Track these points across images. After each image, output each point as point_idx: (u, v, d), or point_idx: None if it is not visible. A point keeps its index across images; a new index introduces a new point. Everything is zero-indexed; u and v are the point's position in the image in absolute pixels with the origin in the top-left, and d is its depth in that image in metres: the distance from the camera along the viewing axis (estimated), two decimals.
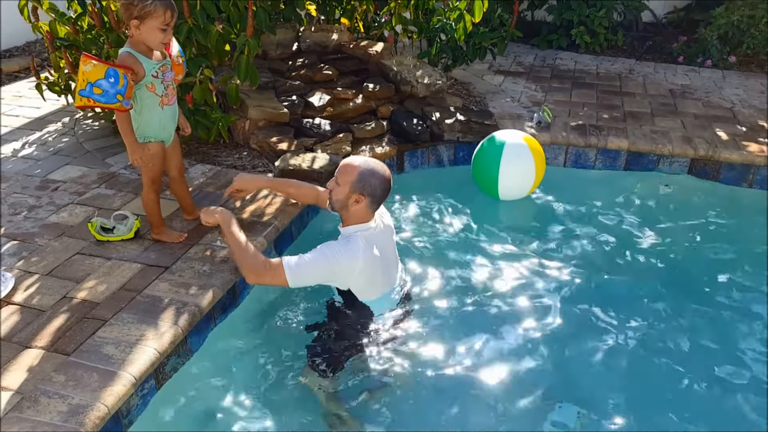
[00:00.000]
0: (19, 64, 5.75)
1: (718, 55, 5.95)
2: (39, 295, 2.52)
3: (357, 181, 2.38)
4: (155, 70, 2.52)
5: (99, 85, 2.32)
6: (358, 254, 2.37)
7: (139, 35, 2.41)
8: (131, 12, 2.36)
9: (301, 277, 2.38)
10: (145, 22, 2.37)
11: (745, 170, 4.01)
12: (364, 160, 2.45)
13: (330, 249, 2.40)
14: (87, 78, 2.33)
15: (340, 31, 4.79)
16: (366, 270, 2.42)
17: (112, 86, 2.33)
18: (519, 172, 3.57)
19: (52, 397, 2.02)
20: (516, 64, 5.97)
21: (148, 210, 2.83)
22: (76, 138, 4.12)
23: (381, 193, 2.43)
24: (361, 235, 2.43)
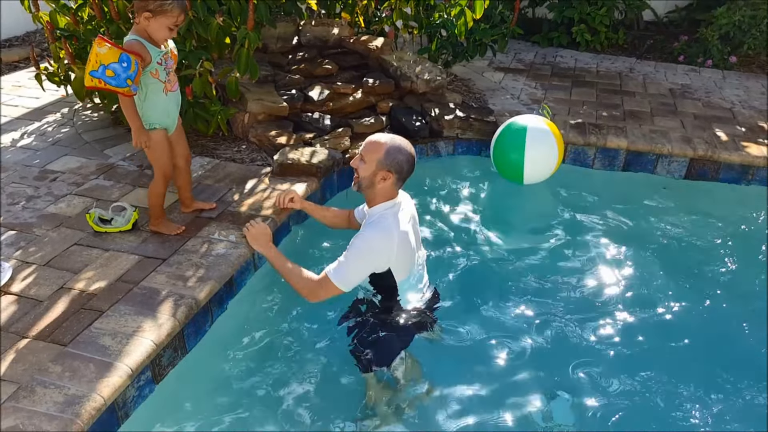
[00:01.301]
0: (18, 53, 5.74)
1: (719, 55, 5.95)
2: (36, 285, 2.52)
3: (384, 158, 2.36)
4: (160, 57, 2.56)
5: (112, 68, 2.35)
6: (392, 231, 2.36)
7: (146, 26, 2.44)
8: (146, 4, 2.39)
9: (348, 279, 2.38)
10: (157, 17, 2.41)
11: (744, 171, 4.02)
12: (391, 137, 2.42)
13: (362, 241, 2.38)
14: (100, 60, 2.35)
15: (341, 25, 4.78)
16: (402, 244, 2.40)
17: (124, 71, 2.37)
18: (544, 154, 3.60)
19: (48, 387, 2.02)
20: (516, 61, 5.96)
21: (151, 201, 2.84)
22: (75, 129, 4.11)
23: (408, 169, 2.42)
24: (389, 212, 2.42)
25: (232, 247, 2.80)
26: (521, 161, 3.57)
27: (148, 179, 3.41)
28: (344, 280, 2.37)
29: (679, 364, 2.56)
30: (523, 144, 3.54)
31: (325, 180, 3.56)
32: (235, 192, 3.30)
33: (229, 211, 3.10)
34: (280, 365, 2.49)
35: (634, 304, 2.88)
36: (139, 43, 2.47)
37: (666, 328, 2.74)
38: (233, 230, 2.92)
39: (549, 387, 2.43)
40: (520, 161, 3.57)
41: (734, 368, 2.54)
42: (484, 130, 4.17)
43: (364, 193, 2.50)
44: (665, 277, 3.07)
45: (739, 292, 3.00)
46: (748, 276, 3.12)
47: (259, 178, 3.45)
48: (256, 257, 2.91)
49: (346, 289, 2.40)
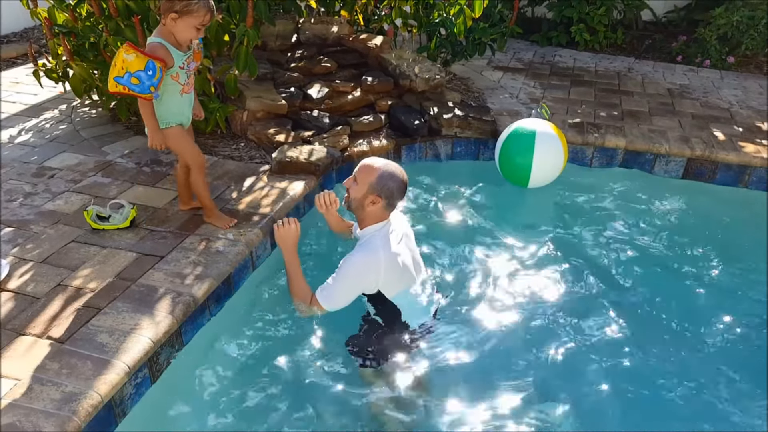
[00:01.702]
0: (17, 50, 5.72)
1: (717, 55, 5.96)
2: (34, 282, 2.52)
3: (376, 182, 2.39)
4: (182, 61, 2.56)
5: (137, 76, 2.37)
6: (378, 253, 2.39)
7: (172, 27, 2.44)
8: (173, 5, 2.39)
9: (334, 301, 2.43)
10: (184, 18, 2.41)
11: (742, 171, 4.02)
12: (385, 162, 2.46)
13: (349, 265, 2.42)
14: (127, 67, 2.36)
15: (340, 23, 4.78)
16: (390, 265, 2.42)
17: (149, 78, 2.39)
18: (551, 159, 3.62)
19: (45, 384, 2.02)
20: (515, 60, 5.97)
21: (198, 194, 2.89)
22: (73, 125, 4.10)
23: (397, 195, 2.45)
24: (378, 234, 2.46)
25: (230, 244, 2.80)
26: (529, 166, 3.57)
27: (146, 176, 3.41)
28: (329, 301, 2.43)
29: (674, 360, 2.57)
30: (532, 148, 3.55)
31: (323, 178, 3.56)
32: (234, 190, 3.29)
33: (227, 209, 3.10)
34: (278, 363, 2.48)
35: (634, 305, 2.89)
36: (163, 47, 2.47)
37: (667, 329, 2.75)
38: (231, 228, 2.92)
39: (548, 387, 2.43)
40: (528, 166, 3.57)
41: (735, 369, 2.54)
42: (483, 129, 4.17)
43: (354, 213, 2.54)
44: (665, 278, 3.08)
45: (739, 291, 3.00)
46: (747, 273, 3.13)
47: (258, 176, 3.45)
48: (254, 255, 2.91)
49: (330, 309, 2.45)
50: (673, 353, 2.61)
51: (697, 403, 2.40)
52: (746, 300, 2.95)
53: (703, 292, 2.98)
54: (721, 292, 2.99)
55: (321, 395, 2.37)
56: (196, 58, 2.69)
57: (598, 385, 2.44)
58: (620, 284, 3.04)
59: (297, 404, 2.34)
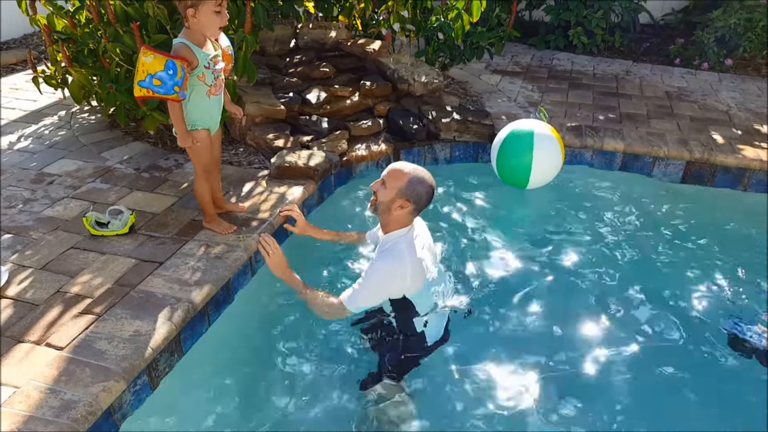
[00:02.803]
0: (16, 56, 5.73)
1: (715, 57, 5.97)
2: (33, 288, 2.52)
3: (405, 187, 2.35)
4: (207, 61, 2.57)
5: (159, 77, 2.37)
6: (404, 259, 2.37)
7: (196, 23, 2.45)
8: (186, 2, 2.40)
9: (358, 305, 2.41)
10: (200, 8, 2.42)
11: (741, 174, 4.03)
12: (414, 167, 2.41)
13: (375, 271, 2.39)
14: (147, 69, 2.37)
15: (338, 28, 4.79)
16: (415, 271, 2.40)
17: (171, 78, 2.39)
18: (550, 158, 3.62)
19: (44, 391, 2.02)
20: (513, 63, 5.98)
21: (199, 200, 2.90)
22: (72, 131, 4.11)
23: (425, 201, 2.41)
24: (403, 239, 2.42)
25: (229, 250, 2.80)
26: (528, 166, 3.57)
27: (144, 182, 3.42)
28: (354, 305, 2.41)
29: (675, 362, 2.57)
30: (531, 149, 3.54)
31: (322, 183, 3.57)
32: (233, 195, 3.30)
33: (226, 214, 3.09)
34: (277, 368, 2.48)
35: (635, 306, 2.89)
36: (185, 47, 2.48)
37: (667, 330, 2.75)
38: (230, 233, 2.92)
39: (547, 388, 2.43)
40: (528, 166, 3.57)
41: (734, 368, 2.55)
42: (481, 133, 4.17)
43: (379, 217, 2.49)
44: (665, 279, 3.08)
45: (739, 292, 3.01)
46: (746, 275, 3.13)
47: (257, 181, 3.45)
48: (253, 260, 2.91)
49: (354, 311, 2.44)
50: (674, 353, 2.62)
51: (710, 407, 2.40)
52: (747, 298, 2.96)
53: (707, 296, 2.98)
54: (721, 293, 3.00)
55: (325, 399, 2.37)
56: (225, 59, 2.69)
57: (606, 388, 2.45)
58: (620, 285, 3.03)
59: (299, 411, 2.33)
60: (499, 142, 3.73)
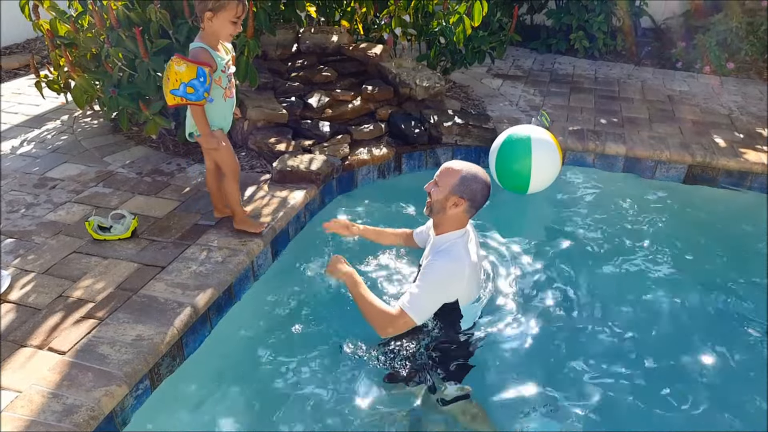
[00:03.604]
0: (19, 61, 5.75)
1: (717, 61, 5.97)
2: (35, 293, 2.52)
3: (458, 184, 2.32)
4: (223, 65, 2.60)
5: (192, 85, 2.42)
6: (463, 261, 2.32)
7: (210, 27, 2.49)
8: (206, 4, 2.44)
9: (422, 311, 2.31)
10: (219, 14, 2.46)
11: (743, 177, 4.02)
12: (466, 164, 2.38)
13: (434, 271, 2.32)
14: (180, 78, 2.40)
15: (340, 32, 4.80)
16: (472, 275, 2.37)
17: (202, 85, 2.43)
18: (549, 162, 3.61)
19: (46, 396, 2.02)
20: (515, 67, 5.98)
21: (230, 200, 2.92)
22: (74, 136, 4.12)
23: (480, 199, 2.36)
24: (460, 241, 2.37)
25: (231, 254, 2.80)
26: (528, 171, 3.56)
27: (147, 186, 3.42)
28: (420, 312, 2.30)
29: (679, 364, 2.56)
30: (529, 153, 3.54)
31: (324, 187, 3.57)
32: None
33: (228, 219, 3.10)
34: (279, 374, 2.47)
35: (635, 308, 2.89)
36: (205, 51, 2.52)
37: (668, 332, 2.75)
38: (232, 237, 2.93)
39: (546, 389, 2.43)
40: (527, 171, 3.56)
41: (734, 369, 2.55)
42: (483, 137, 4.17)
43: (433, 218, 2.45)
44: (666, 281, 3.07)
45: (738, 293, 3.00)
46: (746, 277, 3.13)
47: (258, 185, 3.46)
48: (255, 265, 2.91)
49: (420, 321, 2.31)
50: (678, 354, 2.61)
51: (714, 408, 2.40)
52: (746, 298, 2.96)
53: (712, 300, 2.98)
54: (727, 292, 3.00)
55: (329, 408, 2.36)
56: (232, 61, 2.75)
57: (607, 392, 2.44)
58: (621, 287, 3.03)
59: (302, 416, 2.33)
60: (497, 149, 3.72)
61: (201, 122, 2.62)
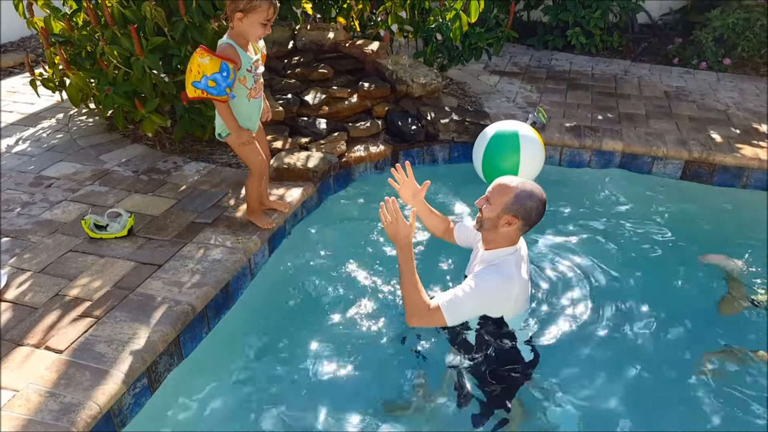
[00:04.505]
0: (13, 59, 5.72)
1: (713, 57, 5.98)
2: (31, 292, 2.51)
3: (512, 203, 2.24)
4: (250, 65, 2.58)
5: (214, 79, 2.40)
6: (514, 280, 2.27)
7: (240, 27, 2.48)
8: (237, 5, 2.43)
9: (458, 315, 2.27)
10: (249, 15, 2.44)
11: (739, 173, 4.03)
12: (521, 181, 2.29)
13: (485, 282, 2.27)
14: (203, 71, 2.38)
15: (336, 29, 4.79)
16: (520, 294, 2.33)
17: (224, 79, 2.41)
18: (536, 158, 3.62)
19: (43, 395, 2.01)
20: (512, 64, 5.98)
21: (248, 194, 2.97)
22: (70, 134, 4.10)
23: (535, 217, 2.28)
24: (511, 258, 2.31)
25: (228, 252, 2.79)
26: (516, 166, 3.57)
27: (143, 185, 3.41)
28: (455, 316, 2.26)
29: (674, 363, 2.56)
30: (518, 148, 3.55)
31: (321, 184, 3.56)
32: (231, 197, 3.29)
33: (224, 216, 3.09)
34: (278, 372, 2.47)
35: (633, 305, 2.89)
36: (232, 48, 2.50)
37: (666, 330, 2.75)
38: (229, 235, 2.92)
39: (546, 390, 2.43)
40: (516, 166, 3.57)
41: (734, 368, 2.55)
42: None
43: (483, 234, 2.38)
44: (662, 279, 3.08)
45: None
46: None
47: None
48: (252, 263, 2.91)
49: (451, 323, 2.27)
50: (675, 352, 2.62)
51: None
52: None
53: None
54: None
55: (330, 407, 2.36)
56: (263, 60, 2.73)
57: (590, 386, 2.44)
58: (619, 285, 3.03)
59: (299, 409, 2.33)
60: (484, 146, 3.70)
61: (228, 118, 2.58)
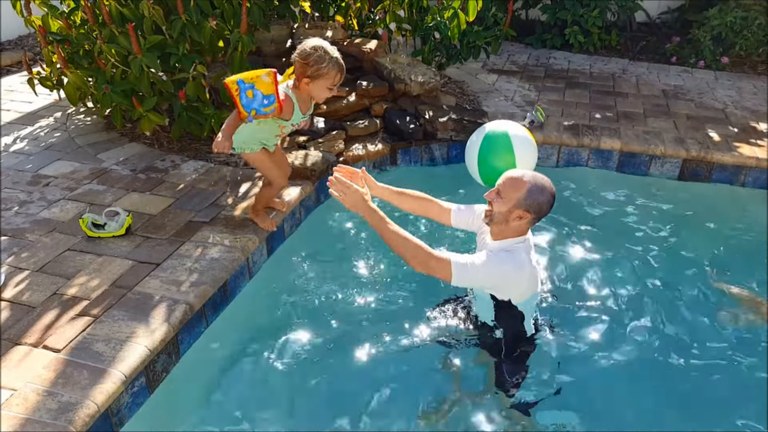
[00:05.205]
0: (11, 58, 5.71)
1: (711, 56, 5.98)
2: (29, 291, 2.51)
3: (525, 198, 2.23)
4: (298, 122, 2.62)
5: (255, 94, 2.39)
6: (525, 268, 2.28)
7: (306, 89, 2.50)
8: (305, 71, 2.44)
9: (466, 278, 2.24)
10: (317, 81, 2.46)
11: (737, 171, 4.04)
12: (533, 175, 2.28)
13: (500, 262, 2.26)
14: (255, 82, 2.39)
15: (335, 28, 4.78)
16: (531, 280, 2.35)
17: (260, 103, 2.40)
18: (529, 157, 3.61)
19: (41, 394, 2.01)
20: (510, 63, 5.98)
21: (258, 195, 2.99)
22: (68, 133, 4.09)
23: (546, 211, 2.28)
24: (521, 247, 2.31)
25: (226, 251, 2.79)
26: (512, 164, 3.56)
27: (141, 183, 3.41)
28: (463, 275, 2.22)
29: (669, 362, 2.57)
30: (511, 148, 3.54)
31: (319, 183, 3.56)
32: (229, 195, 3.29)
33: (222, 215, 3.09)
34: (275, 371, 2.47)
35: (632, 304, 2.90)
36: (290, 101, 2.51)
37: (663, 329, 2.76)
38: (227, 234, 2.92)
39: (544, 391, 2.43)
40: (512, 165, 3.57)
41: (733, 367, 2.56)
42: None
43: (492, 227, 2.35)
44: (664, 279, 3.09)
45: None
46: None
47: (253, 182, 3.44)
48: (251, 261, 2.91)
49: (456, 282, 2.23)
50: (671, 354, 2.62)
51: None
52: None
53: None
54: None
55: (326, 404, 2.36)
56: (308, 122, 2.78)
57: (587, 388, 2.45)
58: (617, 284, 3.04)
59: (298, 408, 2.33)
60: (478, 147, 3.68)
61: (229, 128, 2.51)
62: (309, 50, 2.42)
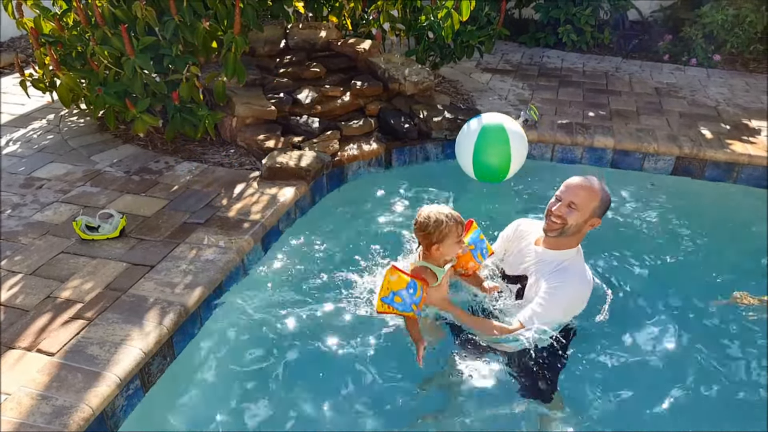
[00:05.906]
0: (3, 60, 5.68)
1: (703, 53, 6.01)
2: (23, 294, 2.50)
3: (599, 206, 2.23)
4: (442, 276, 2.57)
5: (399, 295, 2.39)
6: (590, 282, 2.27)
7: (438, 254, 2.48)
8: (431, 239, 2.42)
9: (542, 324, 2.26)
10: (444, 243, 2.44)
11: (729, 168, 4.06)
12: (597, 181, 2.26)
13: (564, 292, 2.24)
14: (391, 287, 2.40)
15: (328, 28, 4.78)
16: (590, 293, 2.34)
17: (410, 296, 2.40)
18: (522, 147, 3.66)
19: (35, 398, 2.00)
20: (503, 62, 5.99)
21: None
22: (61, 135, 4.08)
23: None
24: (579, 259, 2.30)
25: (220, 252, 2.79)
26: (508, 157, 3.59)
27: (135, 185, 3.40)
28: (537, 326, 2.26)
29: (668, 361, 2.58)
30: (507, 141, 3.57)
31: (314, 183, 3.56)
32: (224, 197, 3.28)
33: (217, 216, 3.09)
34: (273, 371, 2.47)
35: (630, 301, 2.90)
36: (426, 269, 2.50)
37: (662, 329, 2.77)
38: (222, 235, 2.91)
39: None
40: (507, 158, 3.59)
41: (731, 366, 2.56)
42: None
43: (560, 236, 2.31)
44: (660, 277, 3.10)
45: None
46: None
47: (248, 183, 3.44)
48: (245, 263, 2.90)
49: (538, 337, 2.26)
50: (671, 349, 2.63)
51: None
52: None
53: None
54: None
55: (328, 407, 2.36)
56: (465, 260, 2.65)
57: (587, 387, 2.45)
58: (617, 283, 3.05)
59: (290, 409, 2.33)
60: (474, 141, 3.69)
61: (413, 332, 2.49)
62: (423, 221, 2.40)
